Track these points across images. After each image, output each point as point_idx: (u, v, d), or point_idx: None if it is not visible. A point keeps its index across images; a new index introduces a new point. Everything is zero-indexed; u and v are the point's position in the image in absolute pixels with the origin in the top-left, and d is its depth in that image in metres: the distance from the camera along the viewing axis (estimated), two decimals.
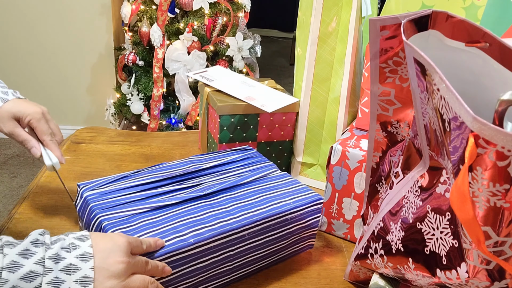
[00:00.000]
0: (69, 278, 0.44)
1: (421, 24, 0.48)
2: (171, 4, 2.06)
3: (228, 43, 2.16)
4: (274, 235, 0.64)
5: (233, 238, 0.59)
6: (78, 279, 0.44)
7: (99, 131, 1.09)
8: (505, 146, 0.34)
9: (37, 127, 0.67)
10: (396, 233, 0.51)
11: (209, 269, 0.59)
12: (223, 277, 0.62)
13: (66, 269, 0.44)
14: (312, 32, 0.86)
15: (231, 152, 0.78)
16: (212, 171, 0.71)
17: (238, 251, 0.61)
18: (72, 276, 0.44)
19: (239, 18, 2.22)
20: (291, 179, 0.71)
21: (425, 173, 0.49)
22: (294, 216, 0.65)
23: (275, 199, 0.65)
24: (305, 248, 0.72)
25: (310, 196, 0.67)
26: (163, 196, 0.63)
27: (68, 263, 0.44)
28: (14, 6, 2.32)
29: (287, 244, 0.67)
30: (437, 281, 0.45)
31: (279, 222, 0.63)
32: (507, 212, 0.36)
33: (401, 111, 0.54)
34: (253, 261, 0.64)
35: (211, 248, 0.57)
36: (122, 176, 0.66)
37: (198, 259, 0.57)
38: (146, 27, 2.11)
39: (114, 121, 2.34)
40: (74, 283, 0.44)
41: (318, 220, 0.69)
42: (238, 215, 0.60)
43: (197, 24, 2.10)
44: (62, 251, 0.45)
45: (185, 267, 0.56)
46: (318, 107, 0.90)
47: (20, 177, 2.27)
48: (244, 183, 0.68)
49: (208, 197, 0.64)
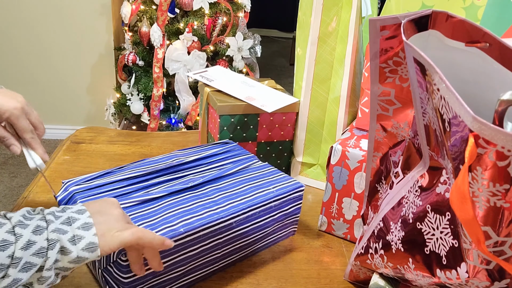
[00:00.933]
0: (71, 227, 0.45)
1: (421, 24, 0.48)
2: (171, 4, 2.06)
3: (228, 43, 2.16)
4: (259, 222, 0.66)
5: (221, 227, 0.60)
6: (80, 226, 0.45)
7: (99, 131, 1.09)
8: (505, 146, 0.34)
9: (17, 124, 0.62)
10: (396, 233, 0.51)
11: (198, 257, 0.61)
12: (212, 265, 0.64)
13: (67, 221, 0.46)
14: (312, 32, 0.86)
15: (212, 146, 0.80)
16: (195, 164, 0.72)
17: (226, 239, 0.62)
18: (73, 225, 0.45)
19: (239, 18, 2.22)
20: (272, 169, 0.74)
21: (425, 173, 0.49)
22: (278, 203, 0.67)
23: (258, 188, 0.67)
24: (288, 234, 0.75)
25: (291, 184, 0.70)
26: (149, 189, 0.64)
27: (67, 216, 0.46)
28: (14, 6, 2.32)
29: (272, 230, 0.70)
30: (437, 281, 0.45)
31: (263, 209, 0.65)
32: (507, 212, 0.36)
33: (401, 111, 0.54)
34: (240, 248, 0.66)
35: (201, 237, 0.59)
36: (106, 172, 0.67)
37: (188, 248, 0.58)
38: (146, 27, 2.11)
39: (114, 121, 2.34)
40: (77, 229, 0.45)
41: (300, 207, 0.72)
42: (224, 205, 0.62)
43: (197, 24, 2.10)
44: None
45: (176, 256, 0.58)
46: (318, 107, 0.90)
47: (20, 177, 2.27)
48: (228, 174, 0.70)
49: (194, 189, 0.65)
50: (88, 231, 0.45)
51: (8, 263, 0.40)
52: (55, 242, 0.43)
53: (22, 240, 0.41)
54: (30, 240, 0.42)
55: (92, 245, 0.45)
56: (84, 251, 0.44)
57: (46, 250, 0.42)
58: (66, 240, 0.44)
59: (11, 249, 0.40)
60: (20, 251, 0.41)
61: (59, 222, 0.45)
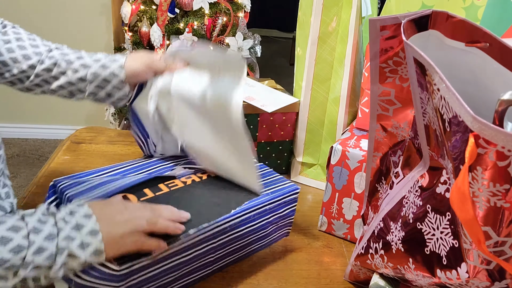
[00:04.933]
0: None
1: (421, 24, 0.48)
2: (171, 4, 2.06)
3: (228, 43, 2.16)
4: (253, 225, 0.65)
5: (215, 232, 0.60)
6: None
7: (99, 131, 1.09)
8: (505, 146, 0.34)
9: None
10: (396, 233, 0.51)
11: (192, 262, 0.60)
12: (204, 269, 0.63)
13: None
14: (312, 32, 0.85)
15: None
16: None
17: (220, 243, 0.62)
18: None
19: (239, 18, 2.22)
20: (267, 170, 0.73)
21: (425, 173, 0.49)
22: (273, 206, 0.66)
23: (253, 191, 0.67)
24: (282, 236, 0.73)
25: (287, 187, 0.69)
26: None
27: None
28: (14, 6, 2.32)
29: (266, 233, 0.69)
30: (437, 281, 0.45)
31: (258, 213, 0.65)
32: (507, 212, 0.36)
33: (401, 111, 0.54)
34: (233, 251, 0.65)
35: (196, 242, 0.58)
36: (92, 172, 0.67)
37: (183, 253, 0.58)
38: (146, 27, 2.11)
39: (114, 121, 2.34)
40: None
41: (294, 209, 0.71)
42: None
43: (197, 24, 2.10)
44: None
45: (169, 262, 0.57)
46: (318, 107, 0.90)
47: (20, 177, 2.27)
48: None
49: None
50: (95, 238, 0.48)
51: (19, 264, 0.44)
52: (64, 249, 0.47)
53: (34, 246, 0.45)
54: (42, 247, 0.46)
55: (98, 251, 0.48)
56: (91, 256, 0.48)
57: (55, 256, 0.46)
58: (75, 247, 0.47)
59: (24, 252, 0.45)
60: (31, 256, 0.45)
61: (68, 227, 0.48)
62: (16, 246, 0.44)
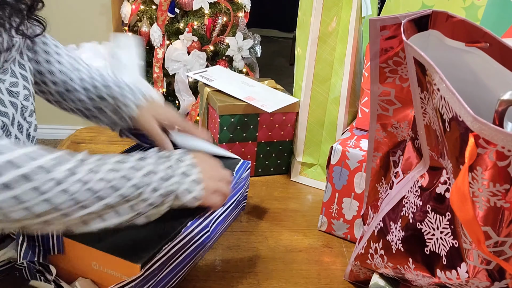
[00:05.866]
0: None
1: (421, 24, 0.48)
2: (171, 4, 2.06)
3: (228, 43, 2.16)
4: (227, 209, 0.71)
5: (200, 228, 0.62)
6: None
7: (99, 131, 1.09)
8: (505, 146, 0.34)
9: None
10: (396, 233, 0.51)
11: (191, 255, 0.62)
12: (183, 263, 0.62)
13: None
14: (312, 32, 0.86)
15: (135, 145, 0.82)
16: None
17: (190, 251, 0.62)
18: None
19: (239, 18, 2.22)
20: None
21: (425, 173, 0.49)
22: (237, 184, 0.73)
23: None
24: (241, 210, 0.80)
25: (240, 165, 0.74)
26: None
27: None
28: None
29: (235, 213, 0.76)
30: (437, 281, 0.45)
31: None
32: (507, 212, 0.36)
33: (401, 111, 0.54)
34: (200, 250, 0.65)
35: (194, 235, 0.61)
36: None
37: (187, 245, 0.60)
38: (146, 27, 2.12)
39: None
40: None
41: (248, 180, 0.78)
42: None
43: (197, 24, 2.10)
44: None
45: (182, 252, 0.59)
46: (318, 107, 0.90)
47: None
48: None
49: None
50: (198, 186, 0.57)
51: (138, 200, 0.50)
52: (173, 191, 0.54)
53: (152, 185, 0.52)
54: (157, 187, 0.52)
55: (198, 198, 0.57)
56: (191, 200, 0.56)
57: (166, 196, 0.54)
58: (181, 190, 0.55)
59: (142, 189, 0.51)
60: (148, 193, 0.51)
61: (178, 173, 0.55)
62: (137, 183, 0.50)
